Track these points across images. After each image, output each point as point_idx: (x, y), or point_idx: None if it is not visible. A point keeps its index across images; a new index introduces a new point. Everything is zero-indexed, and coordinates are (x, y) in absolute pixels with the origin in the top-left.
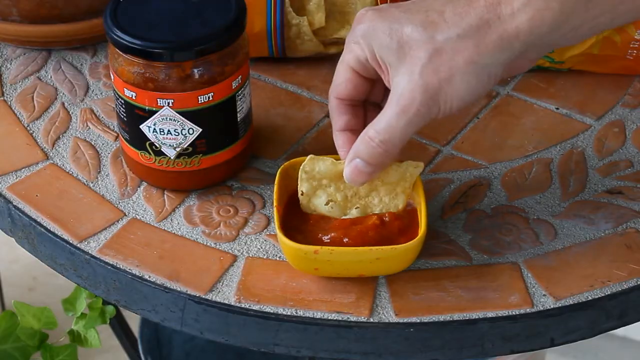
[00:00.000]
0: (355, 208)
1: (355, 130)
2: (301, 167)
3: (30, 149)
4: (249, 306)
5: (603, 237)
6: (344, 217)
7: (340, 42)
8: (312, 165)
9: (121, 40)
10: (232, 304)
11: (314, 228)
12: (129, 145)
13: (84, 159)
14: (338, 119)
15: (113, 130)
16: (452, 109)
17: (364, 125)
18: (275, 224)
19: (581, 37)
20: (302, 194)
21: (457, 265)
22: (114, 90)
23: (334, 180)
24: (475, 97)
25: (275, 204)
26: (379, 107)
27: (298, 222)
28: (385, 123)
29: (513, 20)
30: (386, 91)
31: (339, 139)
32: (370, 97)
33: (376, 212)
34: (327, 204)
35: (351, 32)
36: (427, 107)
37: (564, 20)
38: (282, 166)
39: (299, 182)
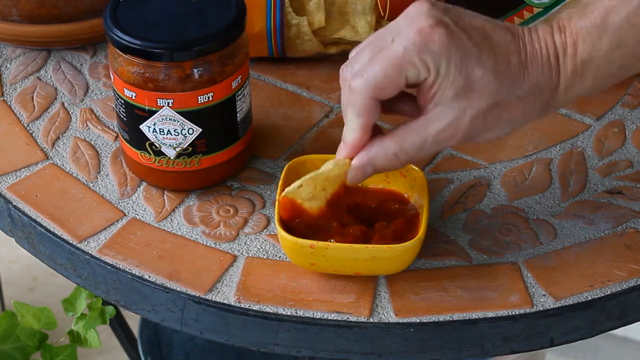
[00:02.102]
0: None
1: (373, 129)
2: (319, 171)
3: (30, 149)
4: (249, 306)
5: (603, 237)
6: (307, 205)
7: (340, 42)
8: (331, 170)
9: (121, 40)
10: (232, 304)
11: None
12: (128, 145)
13: (84, 159)
14: (368, 116)
15: (113, 130)
16: (470, 142)
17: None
18: (276, 218)
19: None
20: (300, 187)
21: (457, 265)
22: (114, 90)
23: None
24: (494, 139)
25: (278, 197)
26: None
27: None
28: (417, 147)
29: (559, 95)
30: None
31: (359, 136)
32: None
33: (329, 189)
34: (309, 195)
35: (422, 47)
36: (461, 142)
37: (594, 90)
38: (291, 162)
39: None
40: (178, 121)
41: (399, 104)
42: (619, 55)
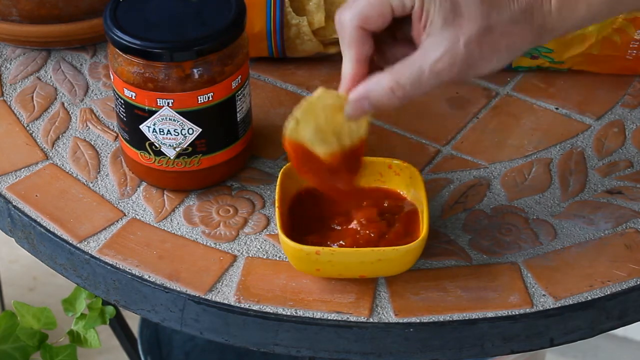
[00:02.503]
0: (333, 136)
1: (368, 62)
2: (308, 98)
3: (30, 149)
4: (249, 306)
5: (603, 237)
6: (319, 150)
7: None
8: (320, 98)
9: (121, 40)
10: (232, 304)
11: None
12: (128, 145)
13: (84, 159)
14: (357, 48)
15: (113, 130)
16: (476, 77)
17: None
18: (277, 225)
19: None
20: (295, 122)
21: (457, 265)
22: (114, 90)
23: (329, 113)
24: (495, 71)
25: (277, 204)
26: (392, 37)
27: (304, 223)
28: (415, 77)
29: (550, 17)
30: (391, 30)
31: (353, 69)
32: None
33: (346, 140)
34: (314, 133)
35: None
36: (460, 75)
37: (590, 19)
38: (285, 167)
39: (295, 108)
40: (178, 121)
41: (397, 49)
42: None
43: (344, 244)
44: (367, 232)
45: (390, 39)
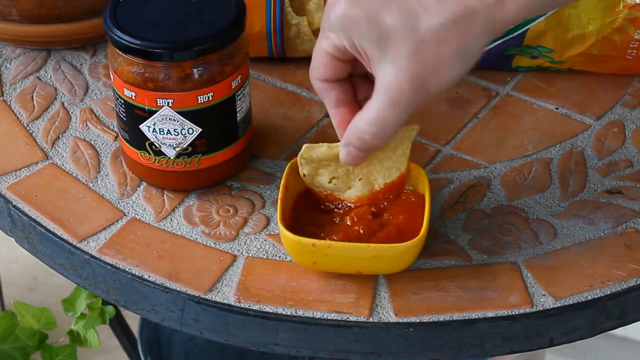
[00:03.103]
0: (359, 180)
1: (346, 103)
2: (299, 155)
3: (30, 148)
4: (249, 306)
5: (603, 237)
6: (345, 196)
7: None
8: (309, 153)
9: (121, 40)
10: (232, 303)
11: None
12: (128, 145)
13: (84, 159)
14: (327, 98)
15: (113, 130)
16: (440, 92)
17: (355, 97)
18: (278, 217)
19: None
20: (304, 176)
21: (457, 265)
22: (114, 90)
23: (333, 161)
24: (461, 77)
25: (280, 196)
26: (367, 77)
27: (306, 216)
28: (376, 115)
29: (502, 8)
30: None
31: (335, 118)
32: (354, 72)
33: (379, 181)
34: (330, 181)
35: (325, 18)
36: (416, 95)
37: (547, 5)
38: (293, 160)
39: (299, 167)
40: (178, 121)
41: (370, 87)
42: None
43: (335, 238)
44: (357, 228)
45: (363, 79)
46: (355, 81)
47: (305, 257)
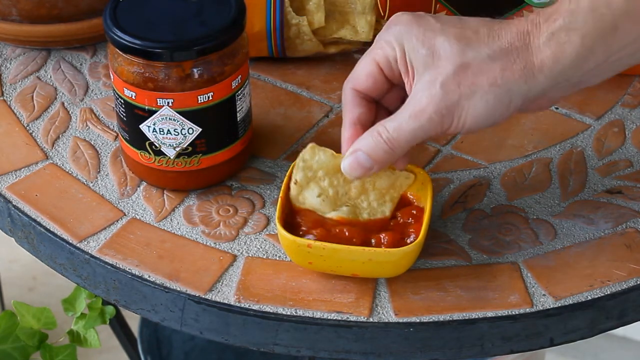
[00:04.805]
0: (345, 206)
1: (364, 125)
2: (300, 155)
3: (30, 148)
4: (249, 306)
5: (603, 237)
6: (328, 215)
7: (340, 42)
8: (312, 154)
9: (121, 40)
10: (232, 303)
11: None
12: (128, 145)
13: (84, 159)
14: (351, 111)
15: (113, 130)
16: (464, 126)
17: (373, 123)
18: (277, 215)
19: (604, 74)
20: (295, 183)
21: (457, 265)
22: (114, 90)
23: (330, 173)
24: (491, 120)
25: (281, 194)
26: (389, 112)
27: (307, 217)
28: (397, 122)
29: (539, 53)
30: (402, 100)
31: (348, 132)
32: (383, 100)
33: (364, 215)
34: (318, 196)
35: (385, 30)
36: (440, 116)
37: (586, 56)
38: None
39: (294, 171)
40: (178, 121)
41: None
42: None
43: (329, 242)
44: (348, 235)
45: (386, 112)
46: (379, 109)
47: (301, 258)
